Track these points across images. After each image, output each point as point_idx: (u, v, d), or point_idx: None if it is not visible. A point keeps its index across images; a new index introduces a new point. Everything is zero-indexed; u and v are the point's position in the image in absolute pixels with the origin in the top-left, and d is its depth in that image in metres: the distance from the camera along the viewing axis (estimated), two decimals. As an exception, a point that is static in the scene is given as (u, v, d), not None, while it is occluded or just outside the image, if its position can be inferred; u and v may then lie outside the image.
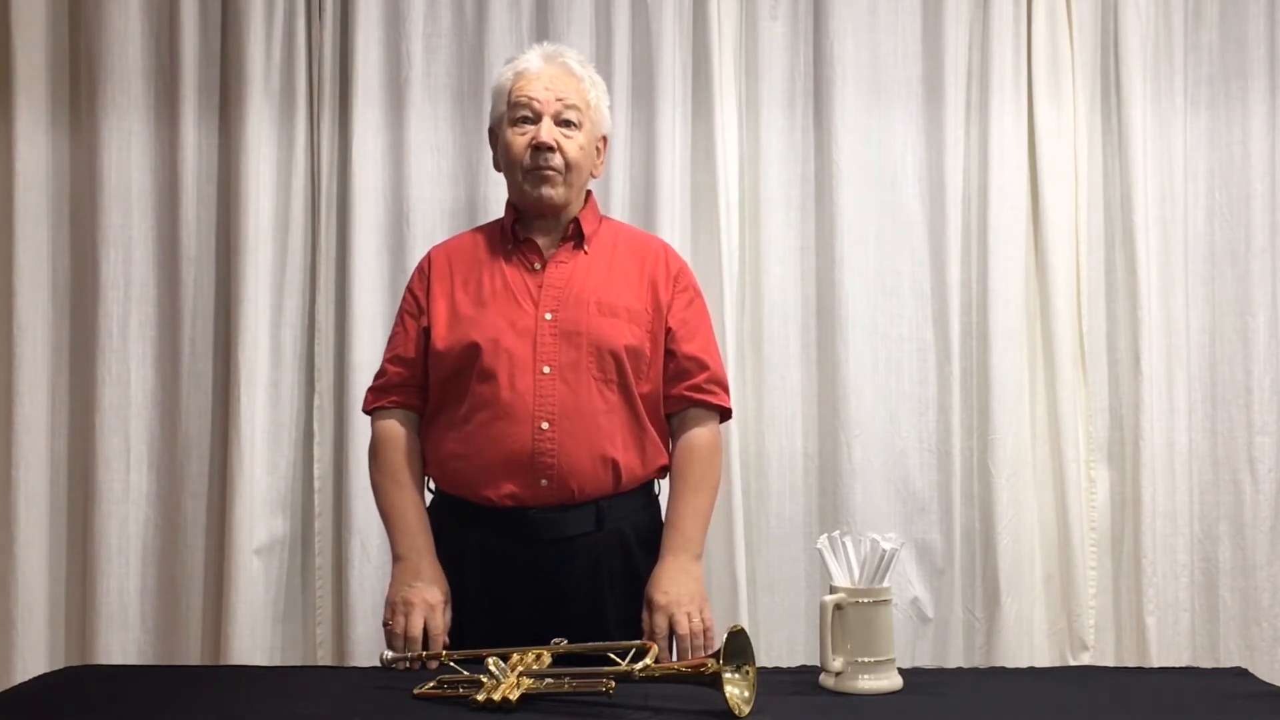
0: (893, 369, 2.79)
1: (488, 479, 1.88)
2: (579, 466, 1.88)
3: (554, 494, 1.88)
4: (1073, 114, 2.81)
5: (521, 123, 1.94)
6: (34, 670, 2.47)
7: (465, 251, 2.03)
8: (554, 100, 1.93)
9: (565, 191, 1.96)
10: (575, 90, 1.96)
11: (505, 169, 2.00)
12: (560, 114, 1.94)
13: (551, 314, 1.92)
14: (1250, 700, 1.54)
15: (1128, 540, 2.79)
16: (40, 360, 2.72)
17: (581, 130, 1.96)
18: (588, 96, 1.98)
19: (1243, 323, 2.81)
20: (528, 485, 1.87)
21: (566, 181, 1.95)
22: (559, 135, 1.93)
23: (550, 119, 1.93)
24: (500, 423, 1.88)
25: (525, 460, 1.87)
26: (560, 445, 1.87)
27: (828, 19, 2.79)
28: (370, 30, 2.75)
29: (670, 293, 2.01)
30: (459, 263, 2.01)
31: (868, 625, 1.57)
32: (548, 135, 1.92)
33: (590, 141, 1.99)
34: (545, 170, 1.93)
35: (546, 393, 1.88)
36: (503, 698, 1.46)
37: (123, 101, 2.72)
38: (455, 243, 2.08)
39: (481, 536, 1.91)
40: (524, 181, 1.95)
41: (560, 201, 1.96)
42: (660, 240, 2.16)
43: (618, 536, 1.94)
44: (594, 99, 2.00)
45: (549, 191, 1.94)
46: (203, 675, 2.00)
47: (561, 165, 1.93)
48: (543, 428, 1.87)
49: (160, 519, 2.73)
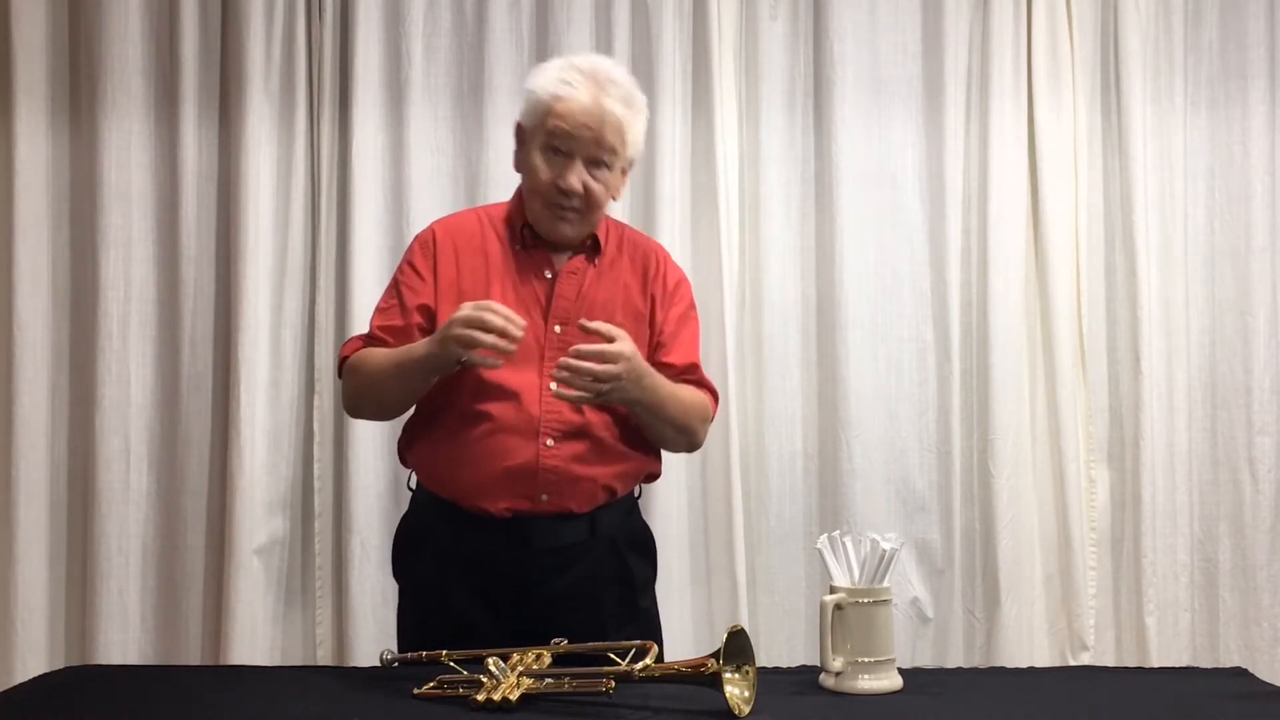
0: (893, 369, 2.79)
1: (485, 491, 1.85)
2: (580, 484, 1.86)
3: (552, 508, 1.86)
4: (1073, 114, 2.81)
5: (553, 152, 1.86)
6: (34, 670, 2.46)
7: (472, 240, 1.94)
8: (590, 143, 1.85)
9: (583, 229, 1.91)
10: (616, 131, 1.87)
11: (525, 186, 1.93)
12: (593, 155, 1.86)
13: (560, 327, 1.89)
14: (1250, 700, 1.54)
15: (1128, 540, 2.80)
16: (40, 360, 2.72)
17: (612, 170, 1.89)
18: (626, 135, 1.89)
19: (1243, 323, 2.81)
20: (527, 500, 1.84)
21: (586, 220, 1.90)
22: (587, 179, 1.86)
23: (581, 161, 1.86)
24: (503, 436, 1.84)
25: (527, 476, 1.84)
26: (564, 461, 1.84)
27: (828, 19, 2.79)
28: (370, 30, 2.75)
29: (665, 306, 1.98)
30: (465, 251, 1.93)
31: (868, 625, 1.56)
32: (575, 181, 1.85)
33: (617, 176, 1.92)
34: (565, 210, 1.87)
35: (552, 409, 1.84)
36: (503, 698, 1.46)
37: (123, 101, 2.72)
38: (457, 225, 1.98)
39: (471, 540, 1.87)
40: (542, 213, 1.89)
41: (577, 238, 1.92)
42: (660, 248, 2.09)
43: (609, 542, 1.93)
44: (632, 136, 1.91)
45: (566, 231, 1.90)
46: (203, 675, 2.00)
47: (583, 206, 1.88)
48: (547, 444, 1.84)
49: (160, 519, 2.72)
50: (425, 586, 1.94)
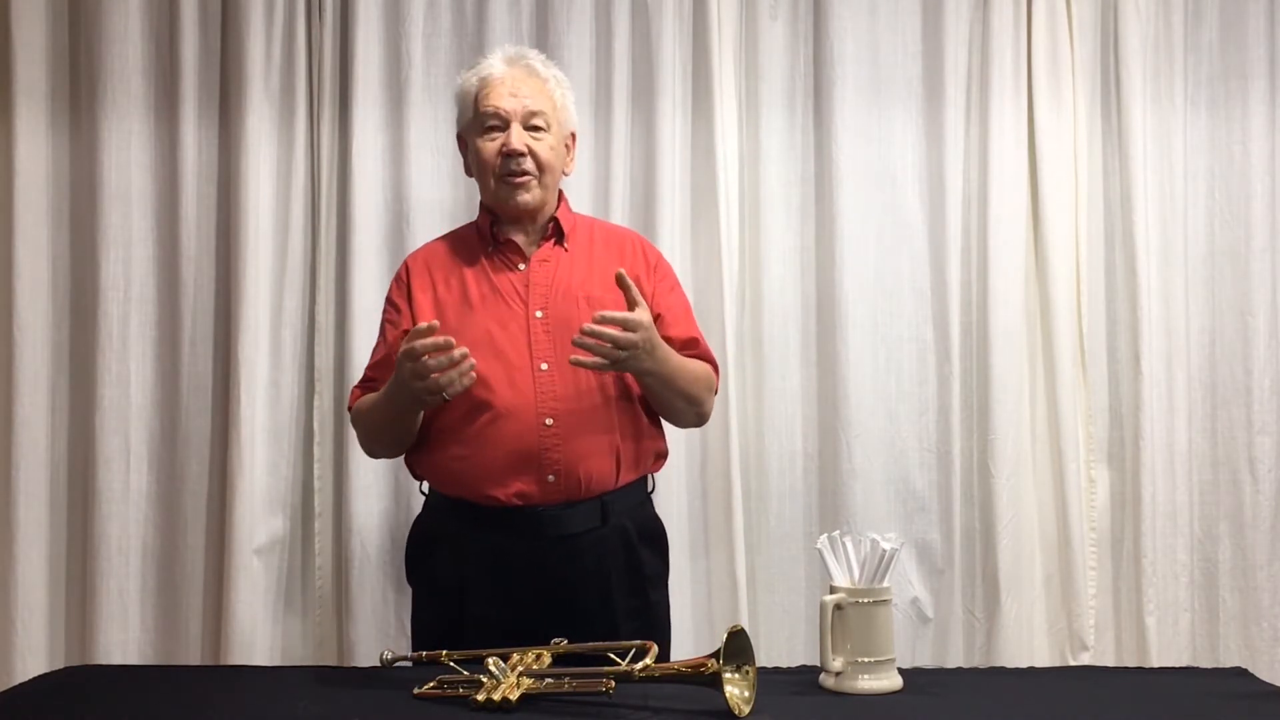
0: (893, 369, 2.79)
1: (494, 479, 1.88)
2: (585, 460, 1.89)
3: (561, 490, 1.89)
4: (1073, 114, 2.81)
5: (491, 130, 1.96)
6: (34, 670, 2.47)
7: (442, 256, 2.04)
8: (521, 106, 1.95)
9: (541, 194, 1.98)
10: (541, 92, 1.98)
11: (478, 175, 2.02)
12: (528, 119, 1.96)
13: (542, 311, 1.94)
14: (1250, 700, 1.54)
15: (1128, 540, 2.80)
16: (40, 360, 2.72)
17: (550, 132, 1.98)
18: (554, 97, 2.00)
19: (1243, 323, 2.81)
20: (535, 482, 1.88)
21: (541, 184, 1.98)
22: (529, 140, 1.95)
23: (519, 124, 1.95)
24: (503, 422, 1.88)
25: (532, 458, 1.87)
26: (565, 440, 1.88)
27: (828, 19, 2.79)
28: (370, 30, 2.74)
29: (652, 283, 2.04)
30: (438, 269, 2.02)
31: (868, 625, 1.57)
32: (518, 141, 1.94)
33: (559, 141, 2.01)
34: (518, 177, 1.95)
35: (547, 389, 1.89)
36: (503, 698, 1.46)
37: (123, 101, 2.72)
38: (430, 249, 2.09)
39: (485, 537, 1.91)
40: (498, 189, 1.97)
41: (536, 204, 1.99)
42: (633, 232, 2.21)
43: (620, 532, 1.95)
44: (559, 98, 2.02)
45: (525, 197, 1.97)
46: (203, 675, 2.00)
47: (534, 169, 1.96)
48: (546, 424, 1.88)
49: (160, 519, 2.72)
50: (441, 587, 1.97)
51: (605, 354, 1.79)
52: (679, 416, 2.03)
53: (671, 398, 1.96)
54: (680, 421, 2.06)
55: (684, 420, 2.06)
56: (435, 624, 1.97)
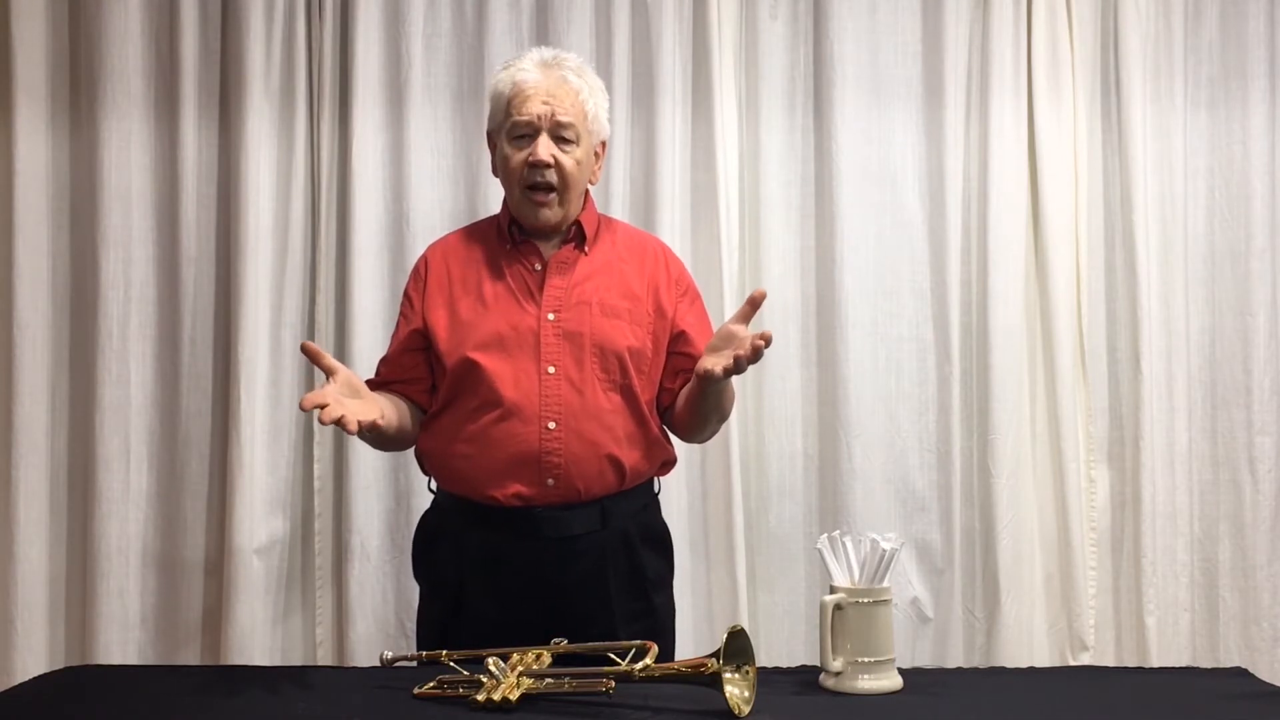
0: (893, 369, 2.79)
1: (493, 479, 1.89)
2: (585, 466, 1.89)
3: (560, 493, 1.89)
4: (1073, 114, 2.81)
5: (520, 139, 1.94)
6: (34, 670, 2.47)
7: (461, 251, 2.03)
8: (551, 117, 1.92)
9: (561, 211, 1.96)
10: (573, 103, 1.94)
11: (503, 180, 2.00)
12: (557, 130, 1.92)
13: (554, 314, 1.93)
14: (1250, 700, 1.54)
15: (1128, 540, 2.80)
16: (40, 360, 2.72)
17: (579, 144, 1.95)
18: (585, 108, 1.96)
19: (1243, 323, 2.81)
20: (534, 485, 1.88)
21: (563, 201, 1.95)
22: (556, 152, 1.92)
23: (547, 134, 1.92)
24: (506, 423, 1.88)
25: (532, 460, 1.87)
26: (566, 445, 1.88)
27: (828, 19, 2.79)
28: (370, 30, 2.74)
29: (674, 297, 2.02)
30: (455, 263, 2.01)
31: (868, 625, 1.57)
32: (544, 152, 1.91)
33: (588, 153, 1.98)
34: (541, 193, 1.93)
35: (552, 393, 1.89)
36: (503, 698, 1.46)
37: (123, 101, 2.72)
38: (451, 241, 2.08)
39: (484, 535, 1.91)
40: (521, 201, 1.95)
41: (556, 222, 1.97)
42: (658, 240, 2.16)
43: (622, 535, 1.95)
44: (592, 108, 1.98)
45: (546, 214, 1.95)
46: (203, 675, 2.00)
47: (557, 181, 1.93)
48: (549, 427, 1.88)
49: (160, 519, 2.72)
50: (443, 585, 1.97)
51: (741, 366, 1.79)
52: (704, 433, 2.04)
53: (710, 413, 1.97)
54: (700, 438, 2.07)
55: (703, 437, 2.07)
56: (437, 619, 1.97)
